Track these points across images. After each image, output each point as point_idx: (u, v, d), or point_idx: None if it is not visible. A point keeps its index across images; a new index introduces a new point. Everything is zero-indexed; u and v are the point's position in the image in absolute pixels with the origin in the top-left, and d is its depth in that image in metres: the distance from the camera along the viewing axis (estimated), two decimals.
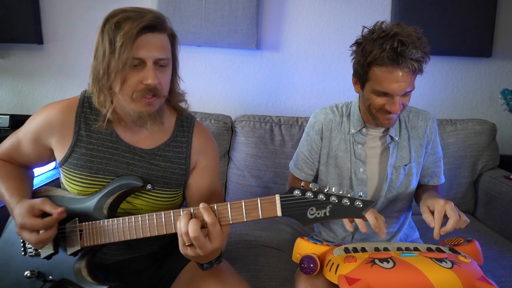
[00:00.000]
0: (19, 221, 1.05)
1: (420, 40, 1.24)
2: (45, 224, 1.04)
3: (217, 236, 0.95)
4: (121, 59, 0.98)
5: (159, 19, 1.03)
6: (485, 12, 2.23)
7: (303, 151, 1.54)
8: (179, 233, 0.95)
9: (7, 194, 1.14)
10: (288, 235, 1.82)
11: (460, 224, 1.17)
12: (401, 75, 1.24)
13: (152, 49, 1.01)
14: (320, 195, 0.90)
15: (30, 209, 1.05)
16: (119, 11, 1.03)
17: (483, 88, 2.39)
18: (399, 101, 1.28)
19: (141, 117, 1.06)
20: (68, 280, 1.08)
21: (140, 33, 0.99)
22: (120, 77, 1.00)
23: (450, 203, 1.19)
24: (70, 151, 1.13)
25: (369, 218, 1.17)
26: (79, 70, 2.32)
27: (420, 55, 1.23)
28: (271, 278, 1.49)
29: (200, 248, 0.93)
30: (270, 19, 2.30)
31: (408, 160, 1.45)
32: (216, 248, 0.95)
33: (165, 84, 1.07)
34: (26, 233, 1.05)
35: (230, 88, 2.38)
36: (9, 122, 2.21)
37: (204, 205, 0.96)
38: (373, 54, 1.25)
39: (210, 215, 0.95)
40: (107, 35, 1.00)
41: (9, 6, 2.18)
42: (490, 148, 2.13)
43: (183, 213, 0.96)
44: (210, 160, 1.23)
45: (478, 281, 1.04)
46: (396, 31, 1.23)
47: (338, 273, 1.11)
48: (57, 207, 1.06)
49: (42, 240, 1.05)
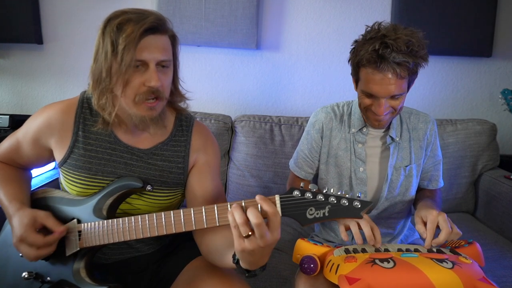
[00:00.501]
0: (19, 233, 1.04)
1: (409, 43, 1.20)
2: (46, 242, 1.04)
3: (277, 227, 0.90)
4: (124, 61, 0.97)
5: (160, 20, 1.03)
6: (485, 12, 2.23)
7: (304, 150, 1.54)
8: (234, 225, 0.88)
9: (5, 199, 1.13)
10: (288, 235, 1.82)
11: (452, 237, 1.19)
12: (385, 78, 1.23)
13: (154, 51, 1.01)
14: (319, 195, 0.91)
15: (33, 221, 1.05)
16: (120, 13, 1.02)
17: (483, 88, 2.39)
18: (385, 103, 1.27)
19: (143, 121, 1.06)
20: (66, 281, 1.08)
21: (143, 35, 0.99)
22: (123, 79, 1.00)
23: (443, 215, 1.20)
24: (69, 152, 1.13)
25: (365, 230, 1.18)
26: (79, 70, 2.32)
27: (403, 59, 1.20)
28: (271, 278, 1.49)
29: (261, 237, 0.86)
30: (270, 19, 2.30)
31: (408, 161, 1.45)
32: (275, 239, 0.90)
33: (166, 86, 1.07)
34: (24, 247, 1.04)
35: (230, 88, 2.38)
36: (9, 122, 2.21)
37: (261, 196, 0.91)
38: (360, 55, 1.26)
39: (270, 205, 0.89)
40: (109, 37, 1.00)
41: (9, 6, 2.18)
42: (490, 148, 2.13)
43: (234, 206, 0.90)
44: (211, 156, 1.22)
45: (479, 282, 1.04)
46: (384, 33, 1.22)
47: (338, 273, 1.11)
48: (59, 225, 1.06)
49: (40, 256, 1.05)
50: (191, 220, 0.99)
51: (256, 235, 0.86)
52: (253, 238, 0.87)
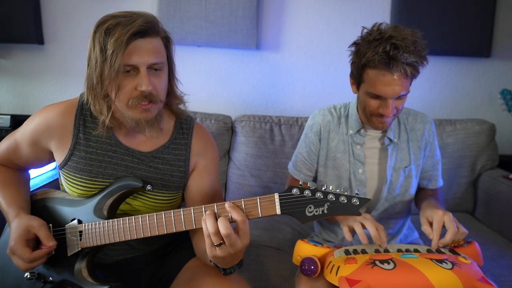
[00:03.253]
0: (11, 245, 1.05)
1: (415, 44, 1.23)
2: (34, 257, 1.04)
3: (247, 233, 0.94)
4: (113, 67, 0.97)
5: (149, 23, 1.01)
6: (484, 12, 2.23)
7: (302, 153, 1.54)
8: (206, 233, 0.92)
9: (4, 204, 1.13)
10: (288, 235, 1.83)
11: (459, 236, 1.19)
12: (394, 79, 1.24)
13: (144, 55, 1.00)
14: (318, 193, 0.92)
15: (25, 232, 1.05)
16: (109, 17, 1.01)
17: (482, 88, 2.39)
18: (392, 104, 1.28)
19: (138, 124, 1.06)
20: (68, 281, 1.09)
21: (131, 39, 0.98)
22: (114, 84, 0.99)
23: (448, 214, 1.20)
24: (69, 155, 1.13)
25: (370, 230, 1.18)
26: (80, 70, 2.27)
27: (413, 60, 1.22)
28: (271, 278, 1.49)
29: (231, 245, 0.91)
30: (270, 19, 2.31)
31: (408, 162, 1.45)
32: (245, 244, 0.94)
33: (160, 89, 1.06)
34: (15, 259, 1.05)
35: (230, 88, 2.38)
36: (10, 122, 2.21)
37: (230, 203, 0.95)
38: (366, 56, 1.25)
39: (238, 212, 0.93)
40: (98, 43, 0.99)
41: (10, 6, 2.17)
42: (489, 148, 2.14)
43: (207, 213, 0.94)
44: (210, 161, 1.23)
45: (478, 282, 1.04)
46: (391, 34, 1.23)
47: (338, 275, 1.11)
48: (50, 239, 1.06)
49: (30, 268, 1.06)
50: (191, 219, 1.00)
51: (226, 243, 0.91)
52: (224, 246, 0.92)
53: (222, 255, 0.93)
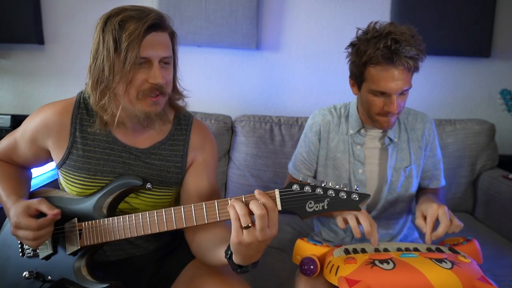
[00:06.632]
0: (14, 220, 1.04)
1: (414, 37, 1.24)
2: (40, 224, 1.03)
3: (276, 222, 0.91)
4: (128, 59, 0.98)
5: (161, 17, 1.04)
6: (484, 12, 2.23)
7: (301, 153, 1.54)
8: (235, 217, 0.89)
9: (4, 194, 1.13)
10: (288, 234, 1.83)
11: (453, 229, 1.19)
12: (397, 73, 1.25)
13: (157, 48, 1.02)
14: (318, 189, 0.93)
15: (26, 208, 1.05)
16: (120, 10, 1.02)
17: (482, 88, 2.39)
18: (397, 99, 1.28)
19: (149, 117, 1.06)
20: (67, 279, 1.08)
21: (146, 32, 0.99)
22: (126, 77, 1.00)
23: (443, 207, 1.20)
24: (67, 154, 1.13)
25: (364, 225, 1.18)
26: (80, 70, 2.27)
27: (414, 53, 1.23)
28: (271, 278, 1.50)
29: (261, 230, 0.87)
30: (270, 19, 2.31)
31: (408, 162, 1.45)
32: (272, 235, 0.90)
33: (169, 82, 1.09)
34: (21, 232, 1.03)
35: (230, 88, 2.38)
36: (10, 122, 2.21)
37: (260, 191, 0.92)
38: (367, 54, 1.26)
39: (268, 200, 0.91)
40: (111, 35, 0.99)
41: (10, 6, 2.18)
42: (489, 148, 2.14)
43: (234, 199, 0.92)
44: (208, 156, 1.22)
45: (478, 281, 1.05)
46: (389, 30, 1.24)
47: (338, 275, 1.11)
48: (53, 208, 1.06)
49: (39, 237, 1.04)
50: (192, 216, 0.99)
51: (256, 227, 0.88)
52: (252, 230, 0.88)
53: (249, 241, 0.88)
